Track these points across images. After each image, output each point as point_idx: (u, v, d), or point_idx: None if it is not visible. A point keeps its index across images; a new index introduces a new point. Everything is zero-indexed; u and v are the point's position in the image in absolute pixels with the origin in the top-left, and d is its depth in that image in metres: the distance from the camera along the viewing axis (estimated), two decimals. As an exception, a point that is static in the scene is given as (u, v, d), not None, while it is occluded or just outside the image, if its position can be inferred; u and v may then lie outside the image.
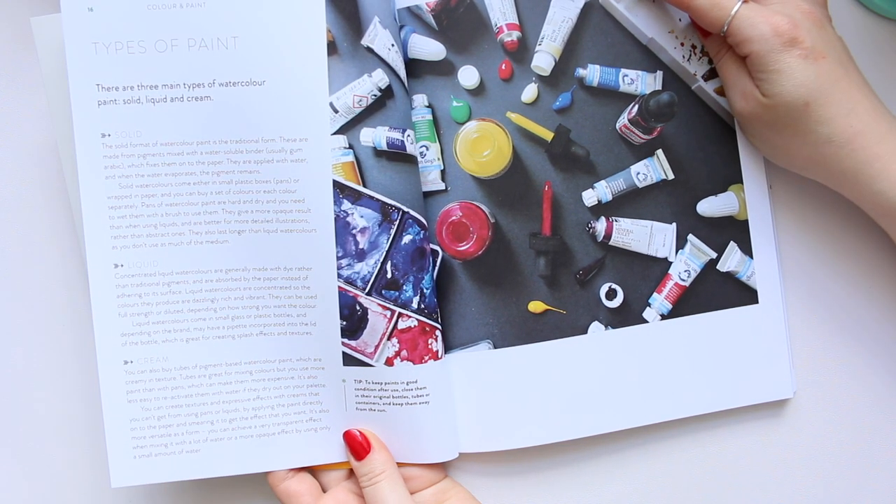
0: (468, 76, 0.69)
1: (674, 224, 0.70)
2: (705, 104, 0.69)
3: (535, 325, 0.70)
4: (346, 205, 0.66)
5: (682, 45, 0.69)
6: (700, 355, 0.70)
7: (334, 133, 0.66)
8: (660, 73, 0.69)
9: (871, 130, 0.61)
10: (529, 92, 0.69)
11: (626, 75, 0.69)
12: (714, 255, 0.70)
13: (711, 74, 0.69)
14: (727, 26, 0.62)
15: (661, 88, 0.69)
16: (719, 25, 0.62)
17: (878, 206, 0.63)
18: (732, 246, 0.70)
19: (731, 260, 0.70)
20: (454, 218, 0.69)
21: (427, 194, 0.70)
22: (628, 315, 0.70)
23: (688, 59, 0.69)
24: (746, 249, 0.70)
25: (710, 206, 0.70)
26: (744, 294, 0.70)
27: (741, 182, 0.69)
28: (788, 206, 0.71)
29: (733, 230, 0.70)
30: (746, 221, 0.70)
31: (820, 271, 0.71)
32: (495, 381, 0.70)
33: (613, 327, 0.70)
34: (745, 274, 0.70)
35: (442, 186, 0.70)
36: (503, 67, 0.69)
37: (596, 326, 0.70)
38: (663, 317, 0.70)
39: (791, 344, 0.71)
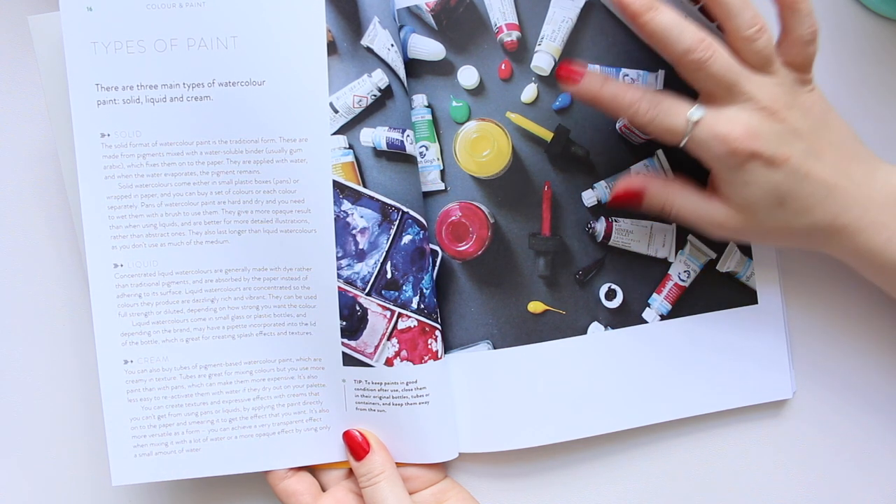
0: (468, 76, 0.69)
1: (673, 224, 0.70)
2: (705, 104, 0.69)
3: (535, 326, 0.70)
4: (346, 205, 0.66)
5: None
6: (700, 356, 0.70)
7: (334, 133, 0.66)
8: (661, 73, 0.68)
9: (851, 207, 0.61)
10: (529, 92, 0.69)
11: (627, 75, 0.68)
12: (713, 255, 0.70)
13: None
14: (684, 145, 0.61)
15: (661, 89, 0.69)
16: (676, 142, 0.61)
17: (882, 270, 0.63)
18: (732, 246, 0.70)
19: (731, 260, 0.70)
20: (454, 218, 0.69)
21: (427, 194, 0.70)
22: (628, 315, 0.70)
23: (688, 59, 0.68)
24: (746, 250, 0.70)
25: (710, 207, 0.69)
26: (743, 294, 0.70)
27: (741, 182, 0.69)
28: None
29: (733, 230, 0.70)
30: (746, 221, 0.70)
31: (819, 271, 0.71)
32: (495, 382, 0.70)
33: (613, 328, 0.70)
34: (744, 274, 0.70)
35: (441, 186, 0.70)
36: (503, 67, 0.69)
37: (595, 327, 0.70)
38: (663, 317, 0.70)
39: (791, 344, 0.71)
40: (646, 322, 0.70)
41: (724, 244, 0.70)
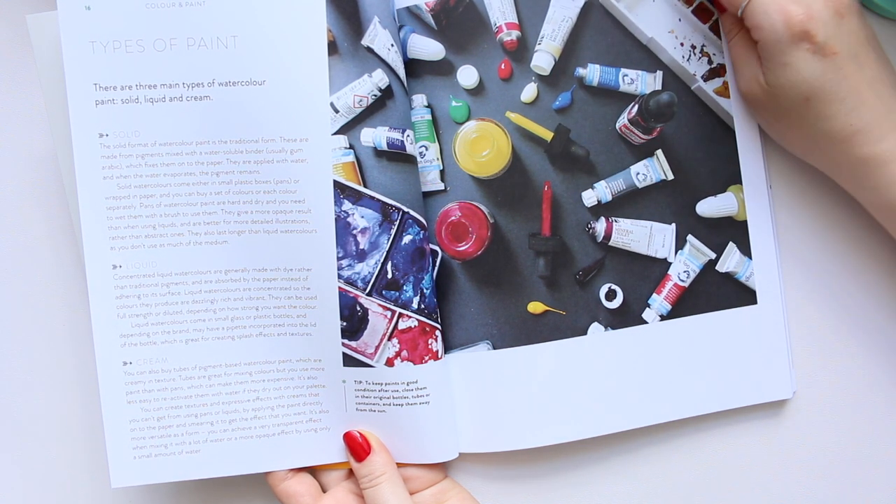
0: (467, 76, 0.69)
1: (673, 224, 0.70)
2: (705, 104, 0.69)
3: (535, 326, 0.69)
4: (347, 205, 0.66)
5: (682, 44, 0.68)
6: (699, 356, 0.70)
7: (335, 133, 0.66)
8: (659, 73, 0.69)
9: (872, 129, 0.60)
10: (529, 91, 0.69)
11: (626, 75, 0.69)
12: (713, 255, 0.70)
13: (711, 75, 0.69)
14: (742, 10, 0.61)
15: (660, 88, 0.69)
16: (737, 6, 0.62)
17: (874, 202, 0.63)
18: (731, 247, 0.70)
19: (730, 260, 0.70)
20: (453, 218, 0.69)
21: (426, 194, 0.70)
22: (628, 316, 0.70)
23: (687, 60, 0.68)
24: (745, 250, 0.70)
25: (709, 207, 0.69)
26: (743, 295, 0.70)
27: (740, 182, 0.69)
28: (788, 206, 0.71)
29: (732, 231, 0.70)
30: (745, 222, 0.70)
31: (819, 271, 0.71)
32: (495, 382, 0.70)
33: (613, 328, 0.70)
34: (743, 275, 0.70)
35: (441, 186, 0.70)
36: (502, 67, 0.69)
37: (595, 327, 0.70)
38: (663, 317, 0.70)
39: (791, 344, 0.71)
40: (646, 322, 0.70)
41: (723, 245, 0.70)
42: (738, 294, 0.70)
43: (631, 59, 0.69)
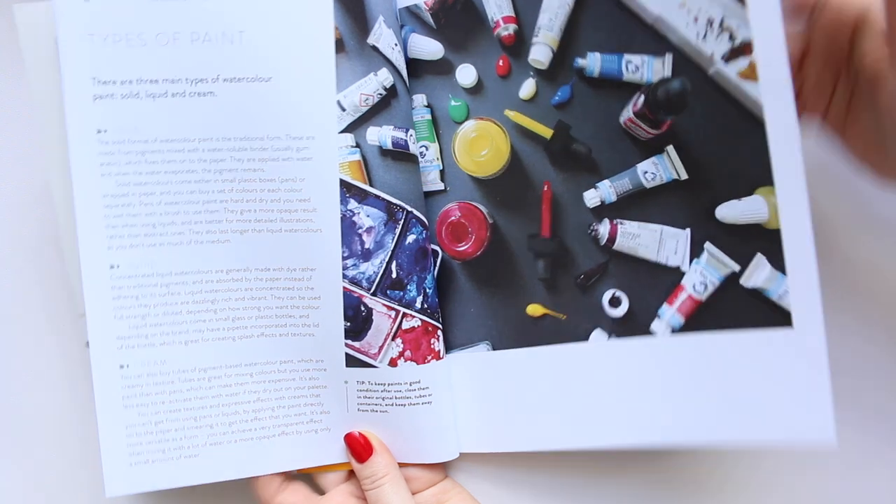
0: (466, 75, 0.68)
1: (688, 230, 0.65)
2: (725, 91, 0.63)
3: (534, 329, 0.68)
4: (353, 204, 0.66)
5: (696, 20, 0.62)
6: (715, 378, 0.63)
7: (341, 131, 0.66)
8: (669, 57, 0.64)
9: None
10: (527, 88, 0.67)
11: (630, 62, 0.65)
12: (737, 267, 0.64)
13: (734, 55, 0.61)
14: None
15: (670, 75, 0.64)
16: None
17: None
18: (760, 258, 0.63)
19: (759, 275, 0.63)
20: (453, 218, 0.69)
21: (427, 194, 0.69)
22: (634, 325, 0.66)
23: (703, 38, 0.62)
24: (778, 263, 0.63)
25: (731, 211, 0.64)
26: (773, 315, 0.63)
27: (772, 184, 0.62)
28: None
29: (761, 240, 0.63)
30: (778, 231, 0.62)
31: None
32: (495, 382, 0.68)
33: (617, 336, 0.66)
34: (775, 292, 0.63)
35: (441, 186, 0.69)
36: (500, 64, 0.68)
37: (598, 334, 0.66)
38: (674, 331, 0.65)
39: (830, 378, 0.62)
40: (653, 334, 0.65)
41: (749, 255, 0.63)
42: (767, 314, 0.63)
43: (635, 43, 0.64)
